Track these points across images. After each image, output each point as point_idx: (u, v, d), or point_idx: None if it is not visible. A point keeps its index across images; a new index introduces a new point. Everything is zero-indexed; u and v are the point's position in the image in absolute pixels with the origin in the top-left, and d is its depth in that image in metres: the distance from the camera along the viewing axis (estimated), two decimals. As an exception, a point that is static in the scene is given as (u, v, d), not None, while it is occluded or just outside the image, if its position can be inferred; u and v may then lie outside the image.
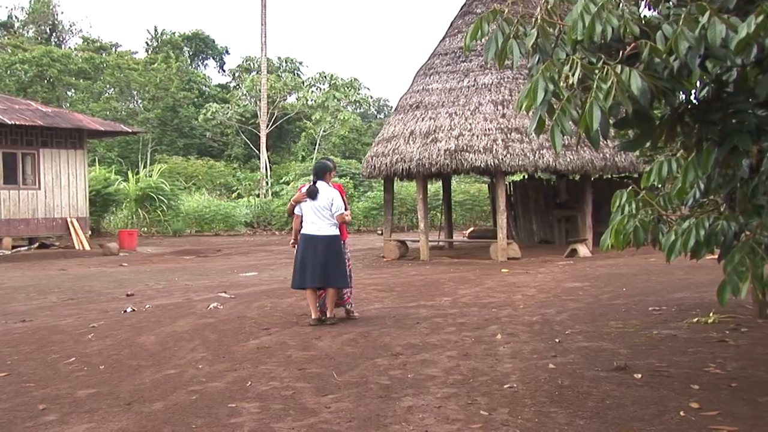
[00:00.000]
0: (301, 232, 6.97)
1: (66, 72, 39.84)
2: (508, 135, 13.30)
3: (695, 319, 6.43)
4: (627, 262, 11.88)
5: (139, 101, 43.51)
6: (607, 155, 13.45)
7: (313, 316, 6.89)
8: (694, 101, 3.39)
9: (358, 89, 42.34)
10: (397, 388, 4.57)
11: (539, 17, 3.09)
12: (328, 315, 6.91)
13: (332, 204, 6.88)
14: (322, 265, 6.80)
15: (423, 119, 14.26)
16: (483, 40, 3.26)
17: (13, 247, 17.56)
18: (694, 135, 3.42)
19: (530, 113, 3.10)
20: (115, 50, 46.04)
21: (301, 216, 6.98)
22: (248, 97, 40.45)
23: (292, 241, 7.22)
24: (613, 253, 12.62)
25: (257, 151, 37.87)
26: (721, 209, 3.50)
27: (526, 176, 17.30)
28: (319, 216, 6.87)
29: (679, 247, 3.27)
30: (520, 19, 3.18)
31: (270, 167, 36.67)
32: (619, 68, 2.82)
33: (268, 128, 37.11)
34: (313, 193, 6.90)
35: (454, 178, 23.93)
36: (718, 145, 3.24)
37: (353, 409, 4.14)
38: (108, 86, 42.46)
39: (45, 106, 20.71)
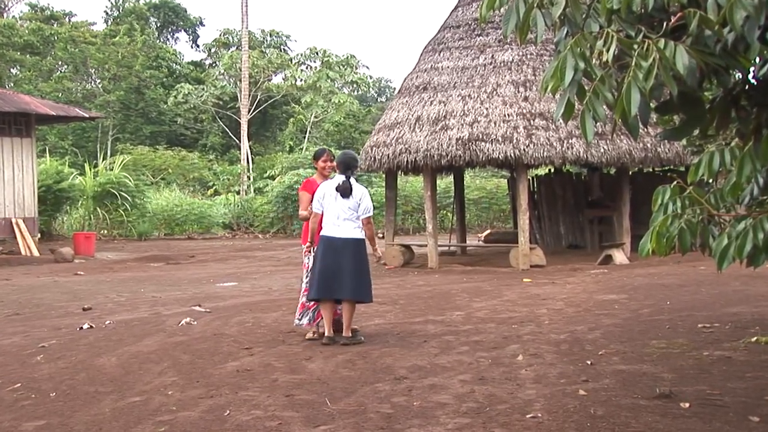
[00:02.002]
0: (320, 233, 6.94)
1: (9, 45, 39.83)
2: (531, 121, 13.31)
3: (754, 339, 6.42)
4: (671, 270, 11.87)
5: (98, 81, 43.56)
6: (648, 145, 13.45)
7: (326, 333, 6.90)
8: (752, 81, 3.38)
9: (356, 68, 42.36)
10: (401, 417, 4.57)
11: (568, -18, 3.09)
12: (344, 333, 6.89)
13: (360, 204, 6.90)
14: (347, 273, 6.79)
15: (431, 103, 14.27)
16: (502, 9, 3.26)
17: (-50, 252, 17.58)
18: (751, 120, 3.41)
19: (557, 96, 3.09)
20: (69, 20, 46.05)
21: (321, 214, 6.95)
22: (226, 77, 40.51)
23: (307, 244, 7.13)
24: (655, 260, 12.60)
25: (237, 141, 37.90)
26: (784, 208, 3.49)
27: (553, 170, 17.31)
28: (345, 216, 6.87)
29: (734, 253, 3.26)
30: (546, -16, 3.17)
31: (252, 159, 36.69)
32: (662, 43, 2.82)
33: (250, 113, 37.15)
34: (346, 191, 6.87)
35: (467, 173, 23.90)
36: (780, 133, 3.23)
37: (349, 444, 4.14)
38: (60, 63, 42.46)
39: (-14, 86, 20.72)
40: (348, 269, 6.79)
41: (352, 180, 6.97)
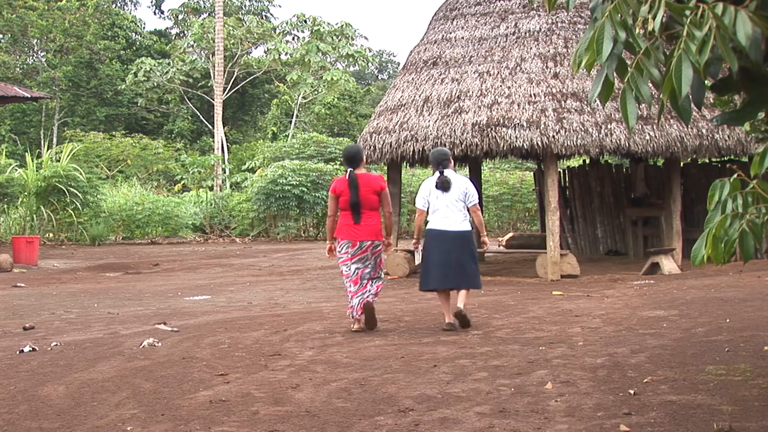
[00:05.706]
0: (428, 227, 8.57)
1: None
2: (562, 103, 13.31)
3: (828, 363, 6.42)
4: (731, 281, 11.87)
5: (41, 54, 43.61)
6: (703, 131, 13.45)
7: (446, 320, 8.52)
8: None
9: (352, 39, 42.41)
10: (407, 459, 4.57)
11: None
12: (461, 315, 8.40)
13: (467, 192, 8.51)
14: (456, 263, 8.39)
15: (442, 81, 14.28)
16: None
17: None
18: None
19: (593, 73, 3.09)
20: (7, -18, 46.11)
21: (426, 211, 8.59)
22: (197, 50, 40.56)
23: (414, 241, 8.92)
24: (711, 270, 12.61)
25: (210, 126, 37.98)
26: None
27: (588, 161, 17.32)
28: (452, 209, 8.48)
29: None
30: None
31: (228, 148, 36.76)
32: (719, 8, 2.82)
33: (226, 93, 37.22)
34: (446, 184, 8.49)
35: (485, 164, 23.94)
36: None
37: (344, 489, 4.14)
38: (-4, 33, 42.54)
39: None
40: (459, 261, 8.39)
41: (450, 172, 8.54)
